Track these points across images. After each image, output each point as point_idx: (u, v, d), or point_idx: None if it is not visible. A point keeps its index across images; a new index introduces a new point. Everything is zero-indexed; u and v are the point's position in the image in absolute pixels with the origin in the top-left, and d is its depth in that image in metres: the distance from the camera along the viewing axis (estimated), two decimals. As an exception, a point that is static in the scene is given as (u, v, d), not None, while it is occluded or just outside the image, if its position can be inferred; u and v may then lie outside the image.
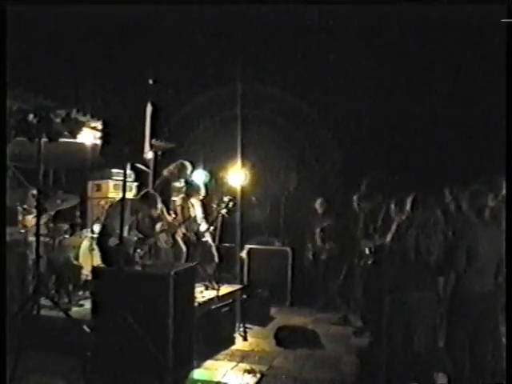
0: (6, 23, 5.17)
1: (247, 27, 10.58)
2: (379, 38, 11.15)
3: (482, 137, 10.87)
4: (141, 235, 7.70)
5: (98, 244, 7.59)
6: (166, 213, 8.45)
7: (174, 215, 8.83)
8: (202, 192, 9.41)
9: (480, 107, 11.05)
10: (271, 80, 12.02)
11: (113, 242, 7.12)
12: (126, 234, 7.28)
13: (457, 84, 11.28)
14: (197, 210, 9.30)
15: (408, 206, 6.21)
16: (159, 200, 7.76)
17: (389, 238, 6.28)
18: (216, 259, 9.24)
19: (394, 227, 6.29)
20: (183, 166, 8.89)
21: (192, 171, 9.17)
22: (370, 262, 7.72)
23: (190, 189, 9.22)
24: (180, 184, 8.91)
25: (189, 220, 9.02)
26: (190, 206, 9.18)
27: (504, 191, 6.59)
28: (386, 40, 11.21)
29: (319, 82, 12.20)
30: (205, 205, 9.56)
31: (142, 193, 8.12)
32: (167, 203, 8.44)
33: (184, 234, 8.86)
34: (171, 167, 8.94)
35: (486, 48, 9.89)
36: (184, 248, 8.79)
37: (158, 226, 8.41)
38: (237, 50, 10.73)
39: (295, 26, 10.81)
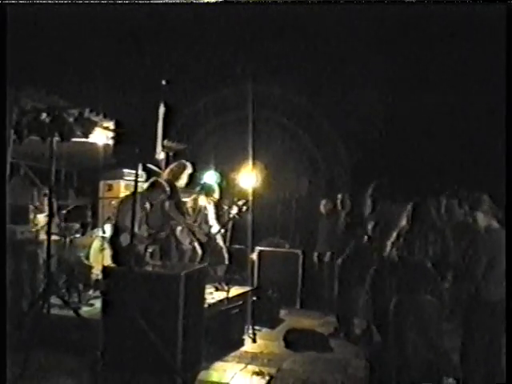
0: (6, 23, 5.18)
1: (259, 29, 10.60)
2: (386, 40, 11.16)
3: (487, 141, 10.85)
4: (151, 230, 7.71)
5: (111, 242, 7.60)
6: (178, 212, 8.41)
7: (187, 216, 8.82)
8: (216, 193, 9.38)
9: (480, 109, 11.03)
10: (283, 82, 12.04)
11: (124, 239, 7.13)
12: (136, 229, 7.34)
13: (455, 83, 11.26)
14: (209, 212, 9.28)
15: (408, 213, 6.20)
16: (167, 187, 7.75)
17: (388, 246, 6.27)
18: (226, 261, 9.23)
19: (394, 234, 6.28)
20: (183, 166, 8.78)
21: (193, 173, 9.05)
22: (373, 268, 7.70)
23: (203, 190, 9.19)
24: (182, 183, 8.80)
25: (200, 221, 9.02)
26: (202, 207, 9.16)
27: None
28: (392, 42, 11.21)
29: (331, 84, 12.20)
30: (218, 206, 9.53)
31: (149, 182, 8.11)
32: (178, 204, 8.42)
33: (194, 235, 8.84)
34: (171, 167, 8.85)
35: (486, 48, 9.87)
36: (199, 249, 8.78)
37: (179, 229, 8.42)
38: (249, 51, 10.76)
39: (307, 28, 10.83)
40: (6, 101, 5.56)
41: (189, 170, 8.70)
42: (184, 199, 8.95)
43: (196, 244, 8.73)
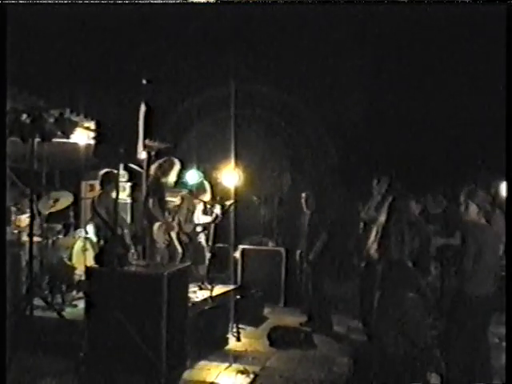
0: (5, 24, 5.17)
1: (241, 26, 10.58)
2: (376, 37, 11.16)
3: (479, 138, 10.91)
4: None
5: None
6: (160, 210, 8.37)
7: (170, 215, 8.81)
8: (207, 192, 9.37)
9: (479, 107, 11.08)
10: (265, 80, 12.02)
11: None
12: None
13: (456, 83, 11.31)
14: (197, 210, 9.28)
15: (386, 209, 6.24)
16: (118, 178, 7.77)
17: (371, 242, 6.31)
18: (206, 261, 9.18)
19: (374, 230, 6.31)
20: (171, 163, 8.71)
21: (181, 169, 8.99)
22: (363, 265, 7.73)
23: (193, 188, 9.19)
24: (171, 180, 8.73)
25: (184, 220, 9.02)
26: (188, 206, 9.14)
27: (499, 191, 6.60)
28: (384, 40, 11.22)
29: (314, 81, 12.20)
30: (206, 205, 9.52)
31: (101, 173, 8.13)
32: (162, 202, 8.39)
33: (178, 234, 8.81)
34: (160, 162, 8.78)
35: (486, 48, 9.91)
36: (179, 248, 8.76)
37: (157, 226, 8.39)
38: (230, 49, 10.75)
39: (290, 25, 10.81)
40: (6, 104, 5.55)
41: (177, 166, 8.64)
42: (171, 198, 8.95)
43: (176, 243, 8.70)
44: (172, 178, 8.53)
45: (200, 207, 9.41)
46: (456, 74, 11.28)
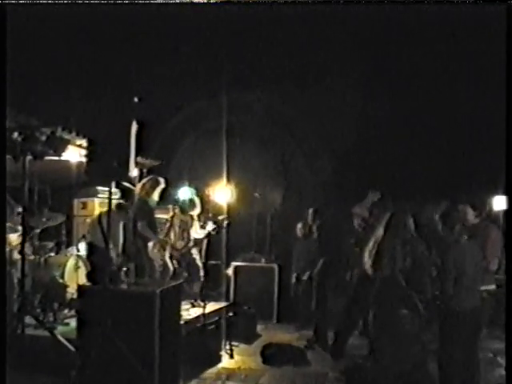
0: (5, 26, 5.18)
1: (232, 36, 10.59)
2: (374, 41, 11.16)
3: (473, 153, 10.92)
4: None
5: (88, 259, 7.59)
6: (150, 231, 8.34)
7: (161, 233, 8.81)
8: (198, 208, 9.37)
9: (479, 110, 11.09)
10: (259, 93, 12.02)
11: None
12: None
13: (455, 85, 11.32)
14: (194, 225, 9.28)
15: (384, 224, 6.24)
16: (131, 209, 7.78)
17: (367, 256, 6.31)
18: (202, 278, 9.16)
19: (371, 244, 6.32)
20: (156, 182, 8.66)
21: (166, 188, 8.93)
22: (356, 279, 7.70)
23: (184, 205, 9.19)
24: (154, 199, 8.68)
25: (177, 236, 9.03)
26: (180, 223, 9.15)
27: (489, 208, 6.62)
28: (381, 43, 11.23)
29: (309, 94, 12.18)
30: (199, 220, 9.51)
31: (116, 204, 8.14)
32: (150, 223, 8.36)
33: (163, 252, 8.77)
34: (143, 182, 8.73)
35: (486, 48, 9.94)
36: (170, 266, 8.75)
37: (151, 244, 8.37)
38: (222, 61, 10.76)
39: (282, 34, 10.82)
40: (6, 109, 5.54)
41: (161, 185, 8.60)
42: (161, 215, 8.94)
43: (168, 261, 8.69)
44: (155, 197, 8.51)
45: (196, 223, 9.41)
46: (455, 74, 11.29)
